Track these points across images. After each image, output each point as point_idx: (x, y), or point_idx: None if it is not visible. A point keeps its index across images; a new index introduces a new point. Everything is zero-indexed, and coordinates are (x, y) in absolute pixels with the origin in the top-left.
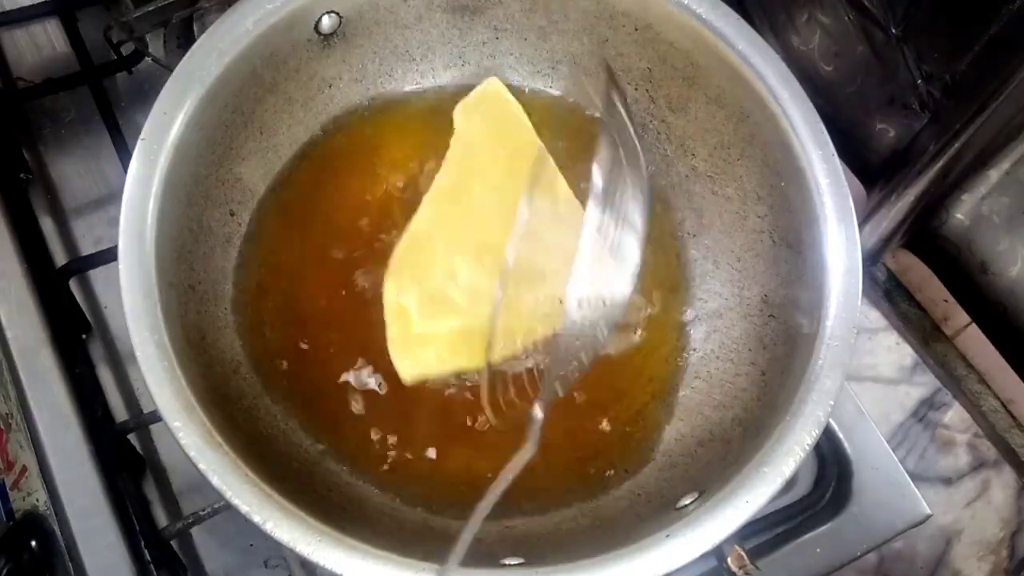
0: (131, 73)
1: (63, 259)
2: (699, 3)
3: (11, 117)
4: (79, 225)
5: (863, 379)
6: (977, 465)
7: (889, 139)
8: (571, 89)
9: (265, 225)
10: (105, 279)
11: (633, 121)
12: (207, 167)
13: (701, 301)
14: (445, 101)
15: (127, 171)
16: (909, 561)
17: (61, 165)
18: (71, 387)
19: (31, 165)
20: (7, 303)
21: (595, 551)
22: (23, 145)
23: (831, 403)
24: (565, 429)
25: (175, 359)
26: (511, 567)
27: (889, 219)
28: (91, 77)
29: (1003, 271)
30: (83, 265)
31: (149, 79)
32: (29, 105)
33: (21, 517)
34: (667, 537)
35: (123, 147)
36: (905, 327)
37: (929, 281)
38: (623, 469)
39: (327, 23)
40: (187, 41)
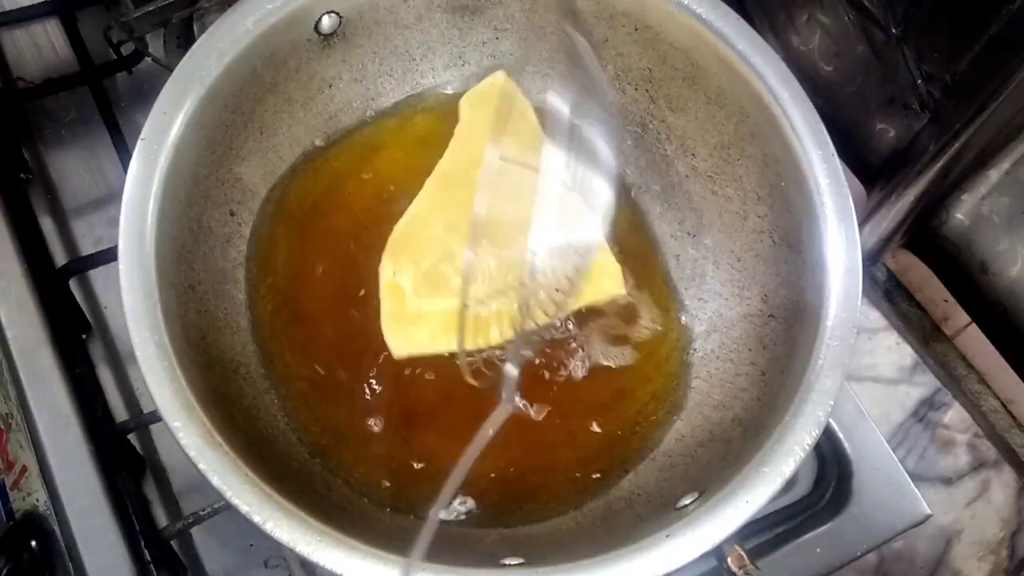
0: (131, 73)
1: (63, 259)
2: (699, 3)
3: (11, 117)
4: (79, 225)
5: (863, 379)
6: (977, 465)
7: (889, 139)
8: (570, 89)
9: (266, 225)
10: (105, 279)
11: (598, 52)
12: (207, 167)
13: (701, 301)
14: (444, 103)
15: (127, 171)
16: (909, 561)
17: (61, 165)
18: (71, 387)
19: (31, 165)
20: (7, 303)
21: (595, 551)
22: (23, 145)
23: (831, 403)
24: (565, 429)
25: (175, 359)
26: (511, 567)
27: (889, 219)
28: (91, 77)
29: (1003, 271)
30: (83, 265)
31: (149, 79)
32: (29, 105)
33: (21, 517)
34: (667, 537)
35: (123, 147)
36: (905, 327)
37: (929, 281)
38: (623, 469)
39: (327, 23)
40: (187, 41)
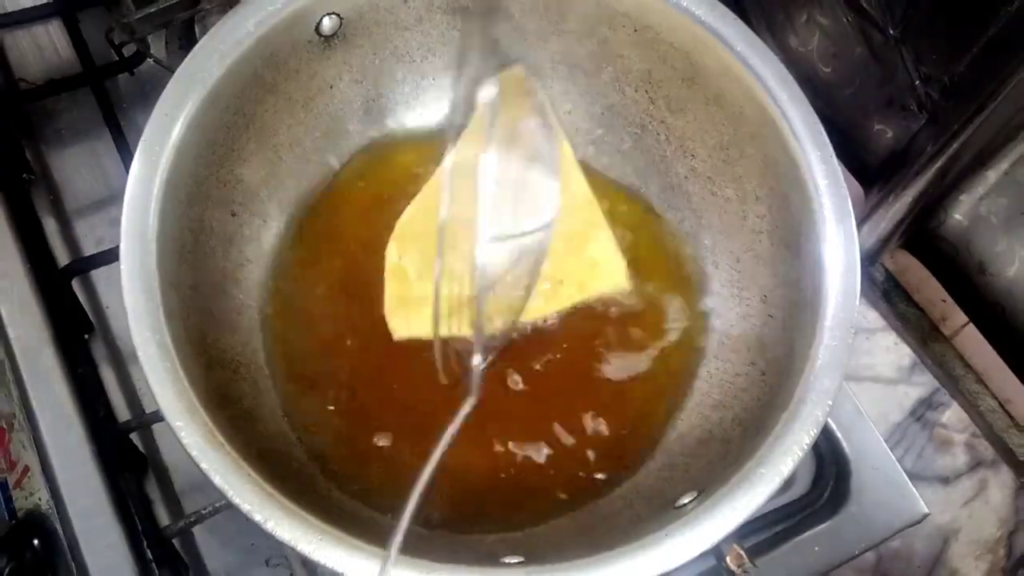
0: (133, 74)
1: (65, 259)
2: (698, 5)
3: (13, 118)
4: (81, 225)
5: (861, 379)
6: (975, 465)
7: (887, 140)
8: (570, 89)
9: (269, 227)
10: (107, 279)
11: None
12: (208, 168)
13: (700, 302)
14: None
15: (129, 172)
16: (907, 560)
17: (63, 166)
18: (73, 387)
19: (33, 166)
20: (10, 303)
21: (594, 550)
22: (25, 146)
23: (829, 403)
24: (564, 428)
25: (177, 359)
26: (510, 566)
27: (887, 219)
28: (93, 78)
29: (1001, 271)
30: (85, 265)
31: (151, 80)
32: (31, 106)
33: (23, 516)
34: (666, 536)
35: (125, 148)
36: (903, 327)
37: (927, 281)
38: (622, 468)
39: (328, 24)
40: (189, 42)
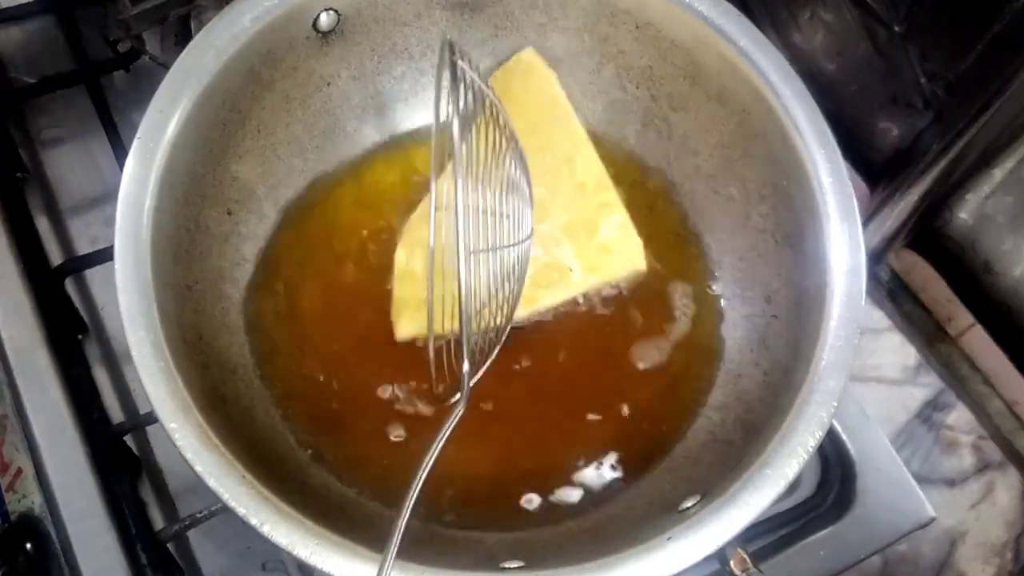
0: (128, 71)
1: (59, 259)
2: (700, 0)
3: (7, 115)
4: (75, 224)
5: (867, 380)
6: (982, 467)
7: (892, 138)
8: (570, 86)
9: (265, 225)
10: (101, 279)
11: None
12: (204, 166)
13: (703, 301)
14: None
15: (123, 170)
16: (913, 564)
17: (57, 164)
18: (67, 388)
19: (27, 164)
20: (2, 303)
21: (596, 554)
22: (19, 144)
23: (834, 404)
24: (565, 431)
25: (171, 360)
26: (511, 570)
27: (892, 218)
28: (88, 75)
29: (1007, 271)
30: (79, 265)
31: (146, 77)
32: (25, 103)
33: (16, 519)
34: (669, 540)
35: (119, 146)
36: (909, 327)
37: (933, 281)
38: (624, 471)
39: (325, 20)
40: (184, 39)
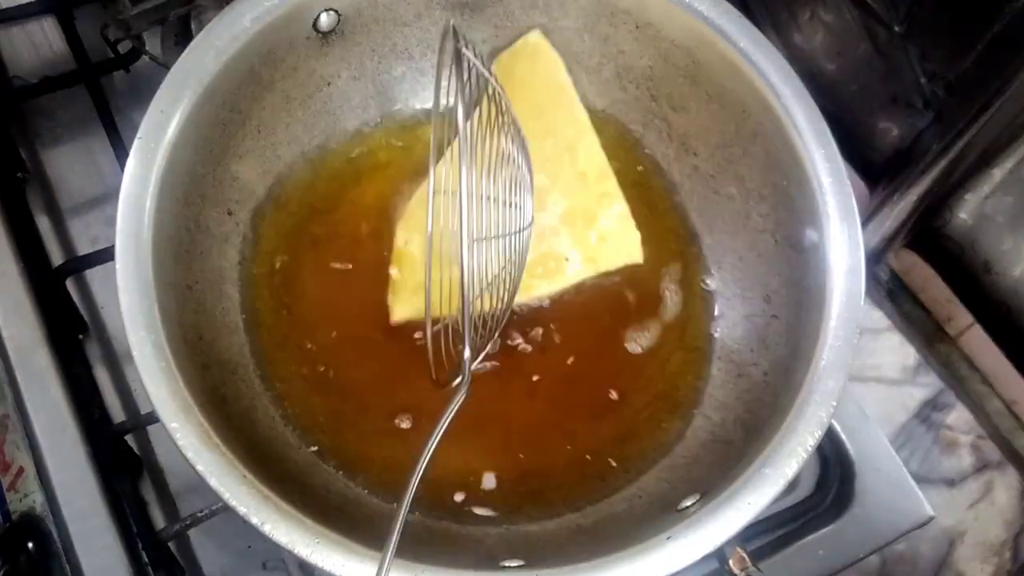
0: (128, 71)
1: (60, 259)
2: (701, 0)
3: (8, 116)
4: (76, 224)
5: (866, 380)
6: (981, 467)
7: (892, 138)
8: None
9: (265, 225)
10: (102, 279)
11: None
12: (204, 166)
13: (704, 301)
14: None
15: (124, 170)
16: (912, 563)
17: (58, 164)
18: (68, 388)
19: (28, 164)
20: (3, 303)
21: (596, 553)
22: (20, 144)
23: (834, 404)
24: (566, 431)
25: (172, 359)
26: (511, 569)
27: (892, 218)
28: (88, 75)
29: (1007, 271)
30: (80, 265)
31: (146, 77)
32: (26, 104)
33: (18, 518)
34: (668, 539)
35: (120, 146)
36: (908, 327)
37: (932, 281)
38: (624, 471)
39: (325, 21)
40: (185, 39)
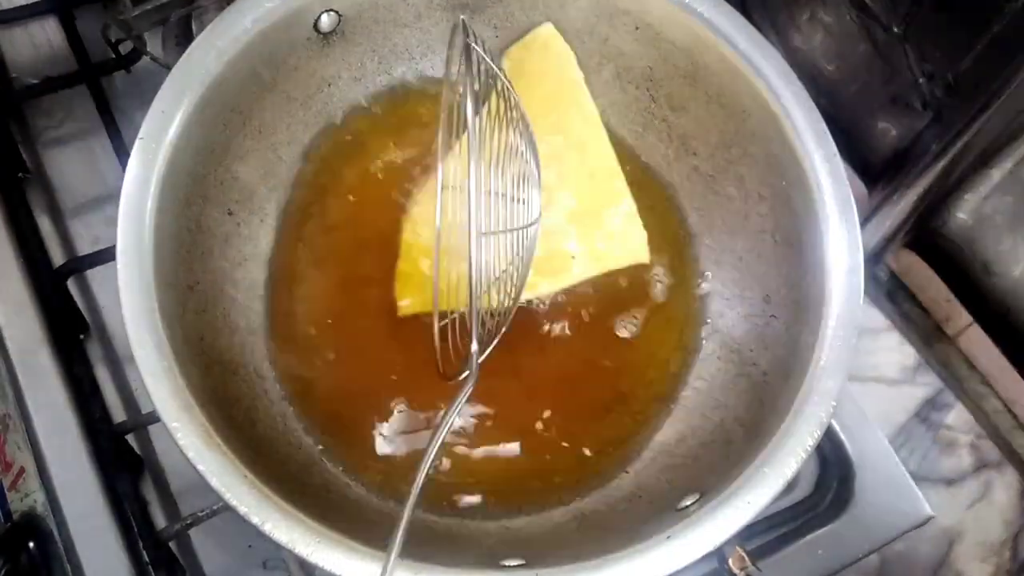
0: (129, 72)
1: (61, 259)
2: (700, 2)
3: (9, 116)
4: (77, 225)
5: (865, 379)
6: (980, 466)
7: (891, 138)
8: None
9: (266, 226)
10: (103, 279)
11: (495, 62)
12: (205, 166)
13: (702, 301)
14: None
15: (125, 170)
16: (911, 563)
17: (59, 164)
18: (69, 387)
19: (29, 164)
20: (5, 303)
21: (596, 552)
22: (21, 144)
23: (833, 404)
24: (566, 431)
25: (173, 359)
26: (511, 568)
27: (891, 219)
28: (89, 76)
29: (1006, 271)
30: (81, 265)
31: (147, 78)
32: (27, 104)
33: (19, 518)
34: (668, 538)
35: (121, 146)
36: (907, 327)
37: (931, 281)
38: (624, 470)
39: (326, 21)
40: (186, 39)
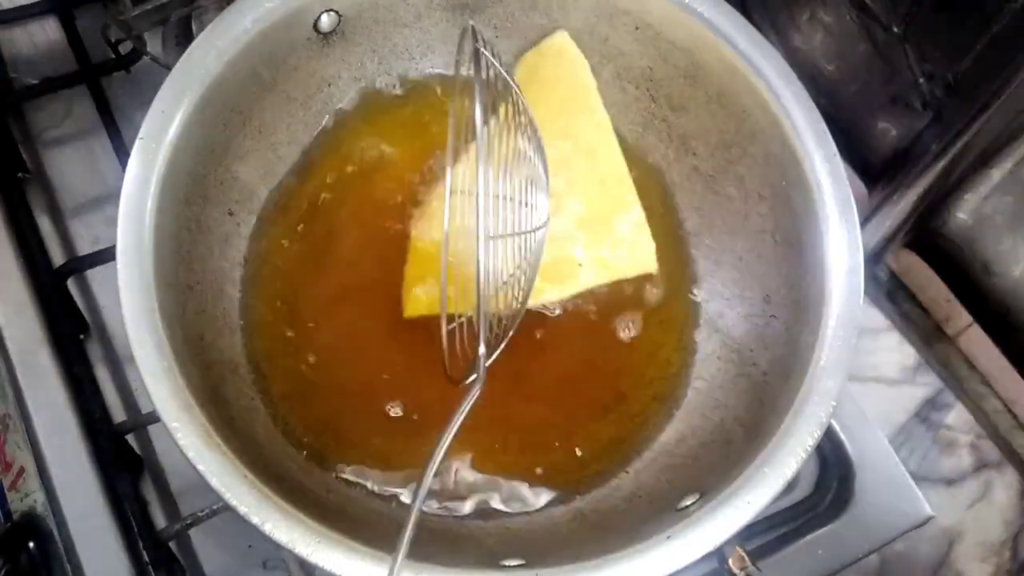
0: (129, 72)
1: (61, 259)
2: (700, 2)
3: (9, 116)
4: (77, 225)
5: (865, 380)
6: (980, 466)
7: (891, 138)
8: None
9: (266, 226)
10: (103, 279)
11: (505, 69)
12: (205, 166)
13: (702, 301)
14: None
15: (125, 170)
16: (911, 563)
17: (59, 164)
18: (69, 387)
19: (29, 164)
20: (5, 303)
21: (596, 552)
22: (21, 144)
23: (833, 404)
24: (566, 431)
25: (173, 359)
26: (511, 568)
27: (891, 219)
28: (89, 76)
29: (1006, 271)
30: (81, 265)
31: (147, 78)
32: (27, 104)
33: (19, 518)
34: (668, 538)
35: (121, 146)
36: (907, 327)
37: (931, 281)
38: (624, 470)
39: (326, 21)
40: (186, 40)
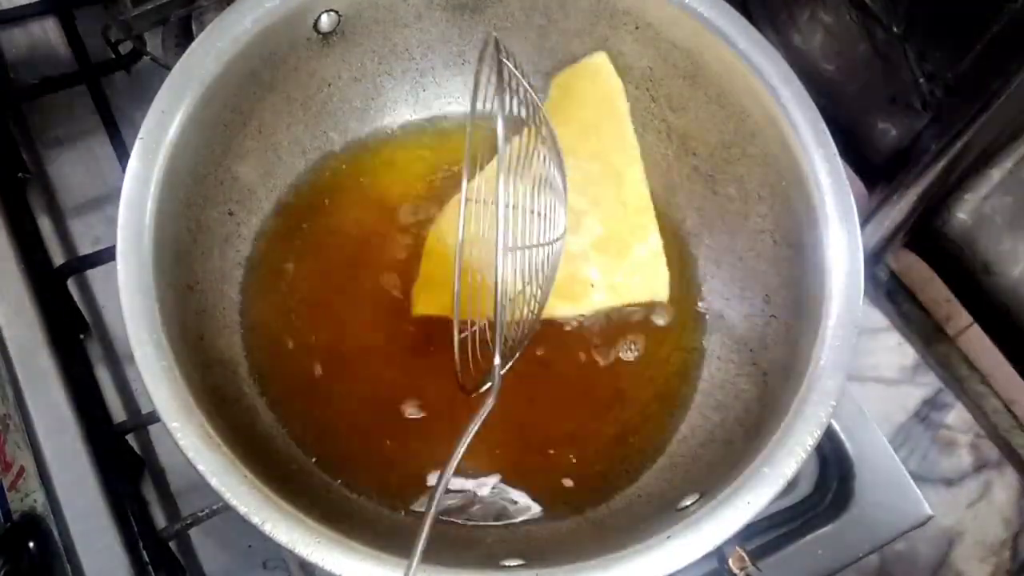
0: (129, 72)
1: (61, 259)
2: (700, 2)
3: (9, 116)
4: (77, 225)
5: (865, 379)
6: (979, 466)
7: (891, 138)
8: None
9: (267, 226)
10: (103, 279)
11: (527, 80)
12: (205, 166)
13: (703, 301)
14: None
15: (125, 170)
16: (911, 562)
17: (59, 164)
18: (69, 388)
19: (29, 164)
20: (5, 303)
21: (596, 552)
22: (21, 144)
23: (833, 404)
24: (566, 431)
25: (173, 359)
26: (511, 568)
27: (891, 219)
28: (89, 76)
29: (1006, 271)
30: (81, 265)
31: (147, 78)
32: (27, 104)
33: (19, 518)
34: (668, 538)
35: (121, 146)
36: (907, 327)
37: (931, 281)
38: (624, 470)
39: (326, 22)
40: (186, 40)
